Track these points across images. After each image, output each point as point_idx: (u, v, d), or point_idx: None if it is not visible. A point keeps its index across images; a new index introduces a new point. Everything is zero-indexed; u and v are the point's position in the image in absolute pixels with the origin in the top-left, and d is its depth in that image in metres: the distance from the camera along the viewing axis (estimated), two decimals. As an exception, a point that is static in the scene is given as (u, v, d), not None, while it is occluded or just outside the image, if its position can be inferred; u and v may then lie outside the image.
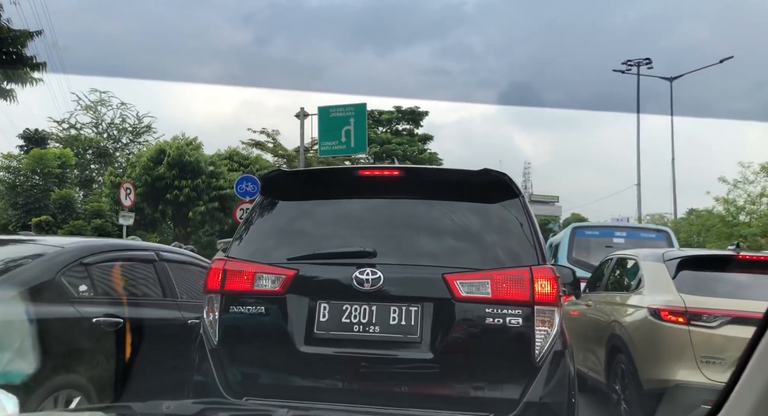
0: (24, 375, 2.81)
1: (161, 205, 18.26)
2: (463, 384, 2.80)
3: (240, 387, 2.89)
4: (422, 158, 37.88)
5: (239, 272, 2.98)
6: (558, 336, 2.77)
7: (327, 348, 2.83)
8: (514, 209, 3.05)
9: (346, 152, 22.20)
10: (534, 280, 2.78)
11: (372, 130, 38.03)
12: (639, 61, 30.23)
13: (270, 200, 3.29)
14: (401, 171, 3.38)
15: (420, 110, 38.17)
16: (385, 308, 2.82)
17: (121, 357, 3.52)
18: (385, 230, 3.11)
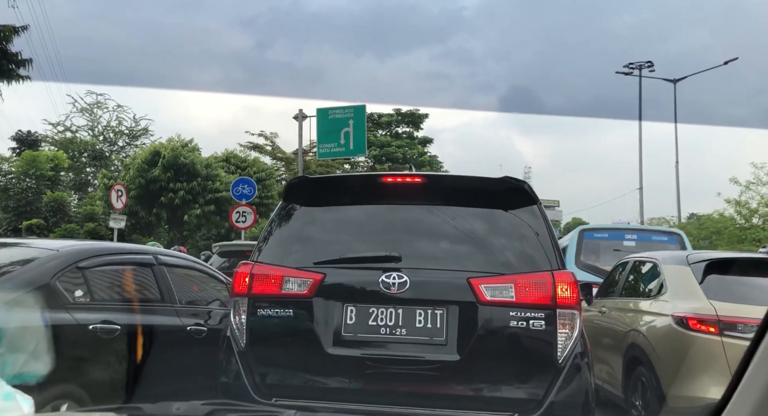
0: (39, 376, 2.81)
1: (156, 208, 17.85)
2: (488, 385, 2.87)
3: (268, 389, 2.94)
4: (422, 161, 37.50)
5: (267, 276, 3.04)
6: (579, 338, 2.87)
7: (354, 349, 2.89)
8: (532, 216, 3.14)
9: (345, 154, 21.81)
10: (556, 284, 2.87)
11: (371, 133, 37.68)
12: (641, 63, 29.99)
13: (294, 205, 3.35)
14: (423, 178, 3.42)
15: (420, 112, 37.81)
16: (411, 312, 2.89)
17: (119, 365, 3.39)
18: (408, 235, 3.19)
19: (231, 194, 16.06)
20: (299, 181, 3.54)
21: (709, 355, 3.52)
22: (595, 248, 8.80)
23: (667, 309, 3.99)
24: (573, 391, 2.83)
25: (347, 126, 20.58)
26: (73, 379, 3.10)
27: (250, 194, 15.74)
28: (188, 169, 17.63)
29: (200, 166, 17.95)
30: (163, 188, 17.51)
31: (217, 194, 18.23)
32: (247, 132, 28.31)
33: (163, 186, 17.52)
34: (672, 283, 4.19)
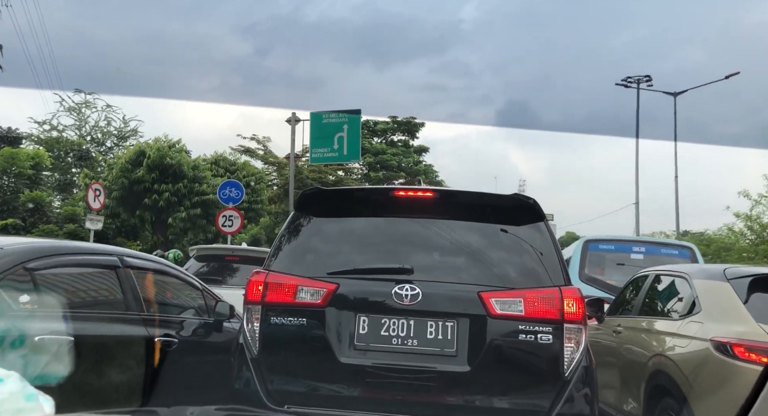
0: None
1: (139, 210, 17.14)
2: (496, 396, 2.92)
3: (281, 396, 2.98)
4: (417, 170, 36.96)
5: (280, 285, 3.08)
6: (584, 353, 2.95)
7: (366, 359, 2.94)
8: (540, 232, 3.22)
9: (339, 159, 21.21)
10: (563, 299, 2.95)
11: (366, 140, 37.09)
12: (639, 78, 29.80)
13: (307, 216, 3.42)
14: (435, 193, 3.52)
15: (416, 121, 37.29)
16: (423, 323, 2.96)
17: (70, 383, 2.93)
18: (420, 248, 3.25)
19: (218, 198, 15.42)
20: (312, 192, 3.58)
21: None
22: (601, 261, 8.20)
23: (705, 333, 3.37)
24: (578, 404, 2.90)
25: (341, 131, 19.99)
26: None
27: (237, 198, 15.13)
28: (174, 170, 16.95)
29: (187, 167, 17.28)
30: (147, 190, 16.81)
31: (203, 196, 17.55)
32: (239, 135, 27.65)
33: (148, 187, 16.82)
34: (707, 301, 3.58)
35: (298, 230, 3.44)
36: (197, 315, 4.26)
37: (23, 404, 1.26)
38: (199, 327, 4.21)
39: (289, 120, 20.46)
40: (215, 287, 7.40)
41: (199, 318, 4.24)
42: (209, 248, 8.97)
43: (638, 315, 4.61)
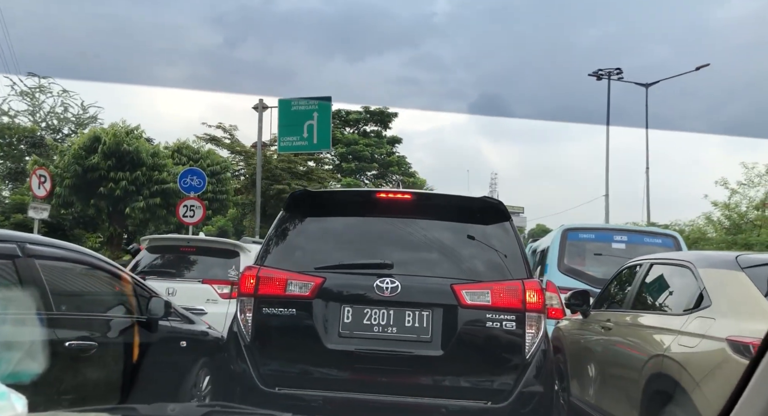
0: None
1: (94, 199, 16.11)
2: (466, 377, 3.24)
3: (272, 379, 3.26)
4: (390, 161, 36.39)
5: (271, 279, 3.35)
6: (543, 338, 3.30)
7: (350, 345, 3.23)
8: (506, 231, 3.56)
9: (309, 148, 20.46)
10: (525, 291, 3.29)
11: (338, 130, 36.30)
12: (610, 70, 29.83)
13: (295, 215, 3.70)
14: (413, 195, 3.81)
15: (389, 111, 36.63)
16: (401, 313, 3.27)
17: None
18: (399, 245, 3.54)
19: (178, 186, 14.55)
20: (301, 194, 3.90)
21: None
22: (581, 251, 7.75)
23: (717, 331, 2.87)
24: (538, 383, 3.21)
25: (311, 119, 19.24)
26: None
27: (199, 187, 14.29)
28: (132, 157, 15.97)
29: (146, 154, 16.30)
30: (102, 178, 15.79)
31: (163, 185, 16.61)
32: (204, 124, 26.60)
33: (103, 175, 15.79)
34: (719, 294, 3.07)
35: (287, 228, 3.69)
36: (127, 313, 3.75)
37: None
38: (128, 328, 3.67)
39: (256, 107, 19.63)
40: (169, 281, 6.72)
41: (128, 316, 3.73)
42: (162, 238, 8.37)
43: (631, 309, 4.11)
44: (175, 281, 6.78)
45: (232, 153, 26.70)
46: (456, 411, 3.20)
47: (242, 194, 26.71)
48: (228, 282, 6.62)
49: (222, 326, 6.34)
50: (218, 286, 6.58)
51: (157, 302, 3.77)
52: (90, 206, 16.34)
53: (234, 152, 26.71)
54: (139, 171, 16.18)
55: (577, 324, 5.19)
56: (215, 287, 6.58)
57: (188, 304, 6.45)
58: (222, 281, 6.66)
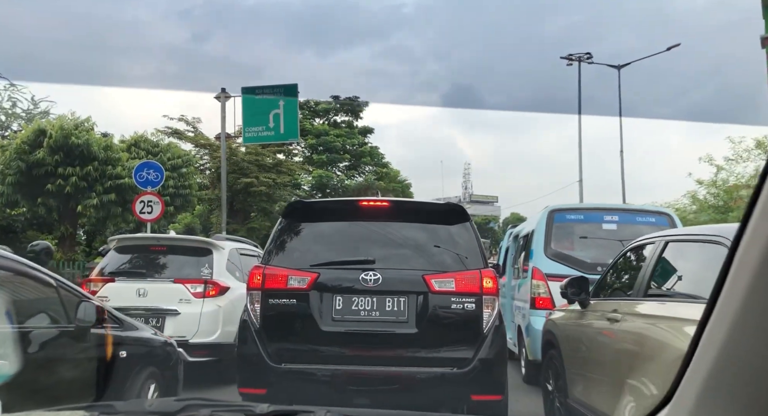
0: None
1: (41, 198, 14.91)
2: (436, 349, 3.92)
3: (278, 356, 3.91)
4: (363, 152, 35.51)
5: (275, 275, 4.02)
6: (497, 316, 4.02)
7: (342, 327, 3.90)
8: (466, 230, 4.30)
9: (275, 138, 19.45)
10: (482, 278, 4.01)
11: (308, 121, 35.22)
12: (580, 55, 29.57)
13: (292, 221, 4.42)
14: (390, 202, 4.61)
15: (359, 100, 35.69)
16: (383, 299, 3.96)
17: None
18: (379, 244, 4.23)
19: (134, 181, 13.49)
20: (296, 203, 4.95)
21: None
22: (569, 234, 7.08)
23: None
24: (493, 352, 3.94)
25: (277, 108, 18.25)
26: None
27: (156, 181, 13.28)
28: (82, 151, 14.78)
29: (97, 148, 15.13)
30: (49, 174, 14.59)
31: (118, 181, 15.46)
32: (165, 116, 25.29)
33: (50, 171, 14.58)
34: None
35: (286, 233, 4.35)
36: (52, 322, 3.34)
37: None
38: (52, 339, 3.25)
39: (218, 97, 18.56)
40: (139, 282, 6.49)
41: (53, 326, 3.31)
42: (131, 237, 7.98)
43: (644, 296, 3.41)
44: (145, 281, 6.47)
45: (196, 147, 25.52)
46: (428, 377, 3.84)
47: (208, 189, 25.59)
48: (201, 281, 6.41)
49: (196, 326, 6.29)
50: (191, 285, 6.40)
51: (86, 308, 3.33)
52: (38, 205, 15.12)
53: (198, 145, 25.52)
54: (91, 166, 15.00)
55: (574, 316, 4.50)
56: (188, 286, 6.39)
57: (160, 305, 6.29)
58: (195, 280, 6.44)
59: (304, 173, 31.81)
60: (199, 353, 6.19)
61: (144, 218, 12.74)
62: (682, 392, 0.97)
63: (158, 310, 6.31)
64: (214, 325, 6.36)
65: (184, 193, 19.23)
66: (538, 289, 6.83)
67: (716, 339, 0.88)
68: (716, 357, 0.88)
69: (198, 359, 6.15)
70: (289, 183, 28.10)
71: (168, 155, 19.04)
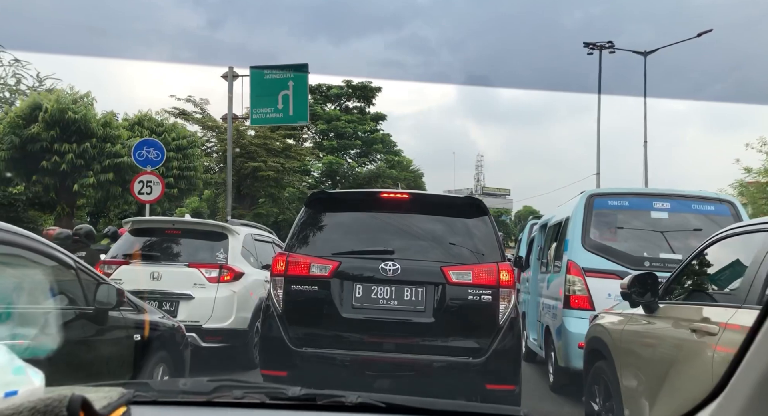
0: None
1: (36, 175, 14.18)
2: (452, 338, 4.03)
3: (299, 340, 4.03)
4: (374, 138, 34.53)
5: (298, 262, 4.14)
6: (513, 308, 4.07)
7: (361, 314, 4.01)
8: (485, 223, 4.38)
9: (284, 121, 18.51)
10: (499, 271, 4.07)
11: (319, 106, 34.28)
12: (602, 44, 28.57)
13: (315, 211, 4.51)
14: (410, 195, 4.62)
15: (372, 85, 34.63)
16: (401, 289, 4.04)
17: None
18: (399, 236, 4.32)
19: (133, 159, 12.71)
20: (319, 193, 4.81)
21: None
22: (611, 222, 6.13)
23: None
24: (508, 343, 4.00)
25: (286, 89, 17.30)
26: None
27: (156, 160, 12.50)
28: (79, 127, 14.02)
29: (96, 124, 14.36)
30: (44, 150, 13.85)
31: (117, 159, 14.70)
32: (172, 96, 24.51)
33: (45, 147, 13.84)
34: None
35: (308, 222, 4.50)
36: (71, 304, 3.32)
37: (11, 377, 1.18)
38: (71, 321, 3.25)
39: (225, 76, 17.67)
40: (153, 265, 6.41)
41: (72, 308, 3.31)
42: (146, 220, 7.84)
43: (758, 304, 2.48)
44: (159, 265, 6.40)
45: (203, 129, 24.73)
46: (444, 365, 3.94)
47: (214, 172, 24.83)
48: (216, 266, 6.35)
49: (210, 311, 6.19)
50: (206, 270, 6.32)
51: (106, 290, 3.38)
52: (33, 182, 14.39)
53: (205, 127, 24.73)
54: (88, 143, 14.24)
55: (636, 322, 3.58)
56: (203, 270, 6.32)
57: (174, 289, 6.22)
58: (209, 265, 6.36)
59: (314, 159, 30.94)
60: (213, 338, 6.09)
61: (143, 198, 11.98)
62: (733, 388, 0.97)
63: (172, 294, 6.19)
64: (228, 311, 6.23)
65: (189, 175, 18.46)
66: (574, 286, 5.90)
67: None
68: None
69: (211, 345, 6.04)
70: (299, 169, 27.26)
71: (173, 135, 18.26)
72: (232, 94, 17.55)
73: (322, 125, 32.83)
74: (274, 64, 17.54)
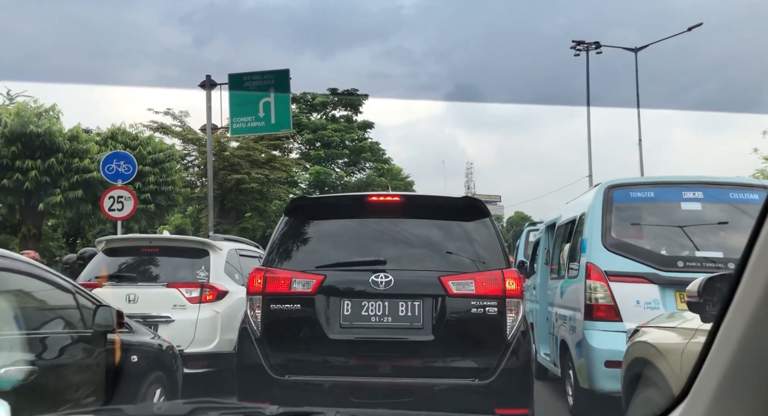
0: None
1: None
2: (455, 358, 3.66)
3: (282, 368, 3.64)
4: (362, 147, 33.69)
5: (277, 278, 3.76)
6: (522, 320, 3.70)
7: (351, 334, 3.63)
8: (486, 226, 4.00)
9: (266, 129, 17.61)
10: (505, 279, 3.70)
11: (304, 115, 33.47)
12: (588, 44, 28.36)
13: (296, 219, 4.15)
14: (401, 197, 4.30)
15: (358, 93, 33.90)
16: (395, 303, 3.66)
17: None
18: (391, 243, 3.97)
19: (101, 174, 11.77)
20: (300, 199, 4.62)
21: None
22: (635, 217, 5.27)
23: None
24: (518, 361, 3.63)
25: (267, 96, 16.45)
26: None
27: (127, 173, 11.58)
28: (43, 141, 13.07)
29: (62, 138, 13.41)
30: (5, 167, 12.87)
31: (86, 174, 13.73)
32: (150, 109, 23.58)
33: (6, 164, 12.87)
34: None
35: (289, 231, 4.08)
36: (68, 327, 3.29)
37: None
38: (70, 345, 3.22)
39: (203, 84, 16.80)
40: (129, 287, 6.01)
41: (70, 331, 3.27)
42: (120, 239, 7.36)
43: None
44: (136, 286, 6.04)
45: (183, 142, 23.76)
46: (447, 388, 3.59)
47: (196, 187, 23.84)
48: (197, 285, 6.00)
49: (192, 334, 5.82)
50: (186, 289, 5.97)
51: (105, 312, 3.39)
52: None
53: (186, 140, 23.77)
54: (54, 159, 13.27)
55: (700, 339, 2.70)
56: (183, 290, 5.97)
57: (152, 312, 5.86)
58: (190, 284, 5.99)
59: (300, 170, 30.04)
60: (196, 364, 5.73)
61: (113, 215, 11.03)
62: (698, 389, 0.97)
63: (150, 317, 5.79)
64: (211, 333, 5.90)
65: (167, 190, 17.48)
66: (596, 293, 5.02)
67: (733, 334, 0.89)
68: (733, 353, 0.88)
69: (194, 370, 5.65)
70: (285, 180, 26.34)
71: (148, 149, 17.30)
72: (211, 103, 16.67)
73: (308, 134, 32.00)
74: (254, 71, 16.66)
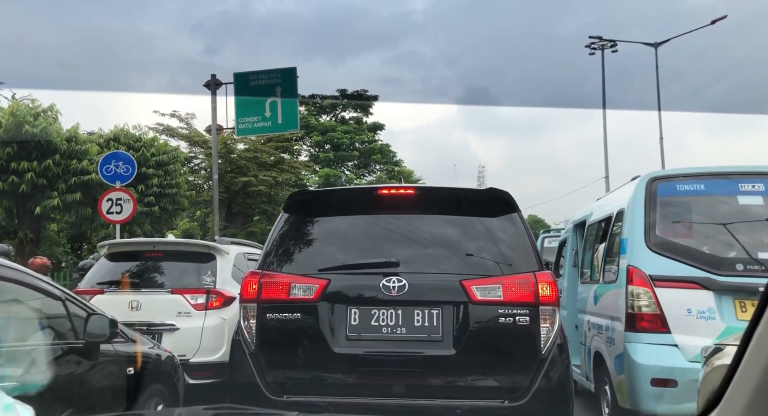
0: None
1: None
2: (480, 376, 3.23)
3: (280, 387, 3.24)
4: (372, 149, 33.06)
5: (274, 283, 3.35)
6: (559, 331, 3.26)
7: (359, 348, 3.22)
8: (514, 222, 3.54)
9: (273, 130, 17.07)
10: (538, 284, 3.26)
11: (313, 117, 32.95)
12: (603, 43, 27.73)
13: (296, 216, 3.75)
14: (416, 190, 3.87)
15: (368, 94, 33.31)
16: (410, 312, 3.24)
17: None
18: (405, 242, 3.54)
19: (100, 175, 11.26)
20: (301, 193, 4.07)
21: None
22: (683, 213, 4.55)
23: None
24: (554, 379, 3.18)
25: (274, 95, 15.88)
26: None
27: (126, 175, 11.07)
28: (39, 142, 12.59)
29: (59, 139, 12.92)
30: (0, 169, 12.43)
31: (84, 176, 13.23)
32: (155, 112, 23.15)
33: (1, 166, 12.43)
34: None
35: (288, 230, 3.68)
36: (58, 338, 3.11)
37: (1, 414, 1.17)
38: (60, 357, 3.04)
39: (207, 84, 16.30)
40: (132, 294, 5.81)
41: (61, 342, 3.11)
42: (123, 242, 7.20)
43: None
44: (139, 292, 5.83)
45: (190, 144, 23.30)
46: (471, 411, 3.17)
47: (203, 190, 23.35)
48: (203, 291, 5.76)
49: (197, 343, 5.62)
50: (191, 296, 5.73)
51: (97, 321, 3.18)
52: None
53: (193, 143, 23.30)
54: (51, 160, 12.78)
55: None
56: (188, 297, 5.73)
57: (156, 319, 5.72)
58: (196, 290, 5.75)
59: (309, 173, 29.48)
60: (201, 374, 5.47)
61: (112, 219, 10.51)
62: (730, 397, 0.96)
63: (154, 325, 5.62)
64: (218, 341, 5.62)
65: (170, 192, 16.96)
66: (639, 300, 4.31)
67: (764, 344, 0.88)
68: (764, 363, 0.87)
69: (200, 381, 5.39)
70: (293, 183, 25.80)
71: (152, 151, 16.81)
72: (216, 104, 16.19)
73: (317, 136, 31.46)
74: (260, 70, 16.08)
